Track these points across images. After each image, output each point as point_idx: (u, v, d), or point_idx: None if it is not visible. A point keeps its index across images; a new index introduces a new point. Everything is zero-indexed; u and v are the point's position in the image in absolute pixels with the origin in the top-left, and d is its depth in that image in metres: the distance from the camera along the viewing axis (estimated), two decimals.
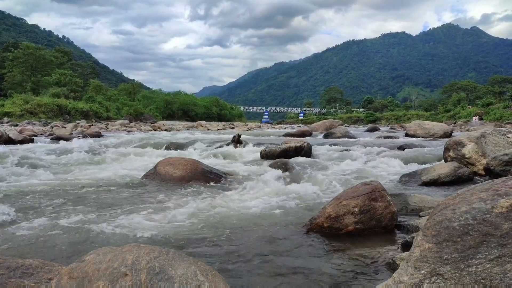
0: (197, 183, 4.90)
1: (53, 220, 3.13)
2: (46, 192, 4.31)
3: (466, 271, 1.41)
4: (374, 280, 2.03)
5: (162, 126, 29.87)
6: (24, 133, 13.08)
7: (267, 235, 2.83)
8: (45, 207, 3.62)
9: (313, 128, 19.87)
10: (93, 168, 6.41)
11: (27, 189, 4.41)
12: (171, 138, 12.92)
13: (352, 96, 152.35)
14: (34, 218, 3.21)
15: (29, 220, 3.15)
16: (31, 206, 3.66)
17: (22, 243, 2.62)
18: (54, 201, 3.86)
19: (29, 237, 2.72)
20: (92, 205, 3.72)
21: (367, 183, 3.08)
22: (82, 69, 62.24)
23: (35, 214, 3.34)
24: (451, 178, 4.75)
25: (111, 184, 4.86)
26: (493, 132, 5.16)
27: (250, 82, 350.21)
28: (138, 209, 3.54)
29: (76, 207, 3.60)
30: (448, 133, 13.19)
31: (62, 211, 3.44)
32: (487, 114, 32.96)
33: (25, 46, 46.00)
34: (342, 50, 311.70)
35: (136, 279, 1.39)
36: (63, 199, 3.97)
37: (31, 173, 5.64)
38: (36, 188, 4.51)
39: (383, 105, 74.09)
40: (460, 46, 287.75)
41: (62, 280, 1.43)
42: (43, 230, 2.85)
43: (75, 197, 4.05)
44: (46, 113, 30.99)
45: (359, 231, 2.83)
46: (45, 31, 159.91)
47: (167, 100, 59.66)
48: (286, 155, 7.15)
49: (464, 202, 1.60)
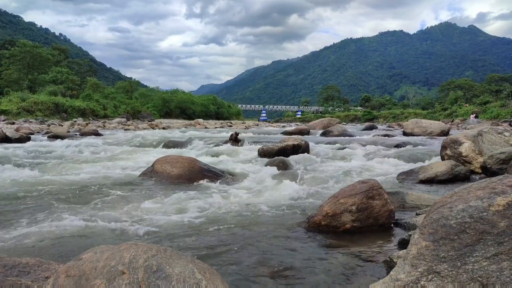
0: (194, 181, 4.89)
1: (50, 218, 3.12)
2: (42, 190, 4.29)
3: (463, 269, 1.42)
4: (371, 278, 2.04)
5: (159, 124, 29.81)
6: (20, 131, 13.03)
7: (265, 233, 2.84)
8: (42, 205, 3.61)
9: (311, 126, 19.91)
10: (90, 166, 6.39)
11: (24, 188, 4.39)
12: (168, 136, 12.90)
13: (350, 95, 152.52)
14: (30, 216, 3.20)
15: (25, 218, 3.14)
16: (27, 204, 3.65)
17: (19, 242, 2.61)
18: (50, 200, 3.84)
19: (25, 236, 2.71)
20: (89, 203, 3.71)
21: (365, 181, 3.08)
22: (79, 67, 61.96)
23: (31, 213, 3.33)
24: (448, 176, 4.76)
25: (108, 183, 4.84)
26: (490, 131, 5.18)
27: (248, 80, 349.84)
28: (135, 207, 3.54)
29: (73, 205, 3.59)
30: (445, 132, 13.24)
31: (59, 209, 3.43)
32: (484, 112, 33.09)
33: (22, 43, 45.75)
34: (339, 49, 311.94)
35: (134, 277, 1.39)
36: (59, 197, 3.96)
37: (29, 171, 5.61)
38: (32, 186, 4.49)
39: (381, 104, 74.22)
40: (457, 44, 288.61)
41: (59, 278, 1.42)
42: (40, 229, 2.84)
43: (71, 195, 4.04)
44: (43, 111, 30.89)
45: (356, 229, 2.83)
46: (41, 28, 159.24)
47: (164, 98, 59.55)
48: (283, 153, 7.15)
49: (461, 200, 1.60)
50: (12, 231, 2.82)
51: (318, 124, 20.58)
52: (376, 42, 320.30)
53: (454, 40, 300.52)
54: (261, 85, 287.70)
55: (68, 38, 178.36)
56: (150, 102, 56.12)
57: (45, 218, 3.12)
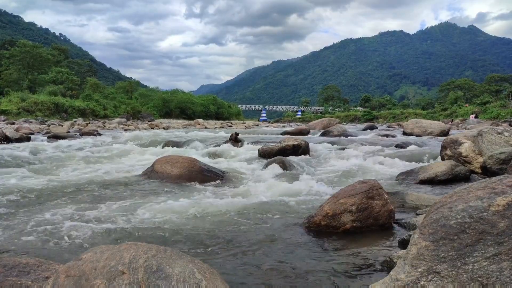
0: (194, 181, 4.89)
1: (50, 218, 3.11)
2: (42, 190, 4.29)
3: (462, 269, 1.42)
4: (371, 278, 2.04)
5: (159, 124, 29.81)
6: (20, 131, 13.03)
7: (265, 233, 2.84)
8: (42, 205, 3.61)
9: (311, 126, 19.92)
10: (90, 166, 6.39)
11: (23, 188, 4.39)
12: (168, 136, 12.90)
13: (350, 95, 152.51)
14: (30, 216, 3.20)
15: (25, 218, 3.14)
16: (28, 204, 3.65)
17: (19, 242, 2.61)
18: (50, 199, 3.85)
19: (25, 236, 2.71)
20: (89, 203, 3.71)
21: (365, 181, 3.09)
22: (79, 67, 62.03)
23: (31, 212, 3.33)
24: (448, 177, 4.76)
25: (108, 183, 4.84)
26: (490, 131, 5.18)
27: (248, 80, 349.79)
28: (135, 207, 3.54)
29: (73, 205, 3.59)
30: (445, 132, 13.25)
31: (59, 209, 3.43)
32: (484, 112, 33.10)
33: (22, 43, 45.78)
34: (339, 49, 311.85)
35: (134, 277, 1.39)
36: (59, 197, 3.96)
37: (28, 171, 5.61)
38: (32, 186, 4.49)
39: (381, 104, 74.21)
40: (457, 44, 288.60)
41: (59, 278, 1.42)
42: (40, 229, 2.84)
43: (71, 195, 4.04)
44: (43, 111, 30.89)
45: (356, 229, 2.84)
46: (41, 28, 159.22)
47: (164, 98, 59.56)
48: (283, 153, 7.15)
49: (461, 200, 1.60)
50: (12, 231, 2.82)
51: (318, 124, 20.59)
52: (376, 42, 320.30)
53: (454, 40, 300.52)
54: (261, 85, 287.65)
55: (68, 38, 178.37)
56: (150, 102, 56.13)
57: (45, 218, 3.11)
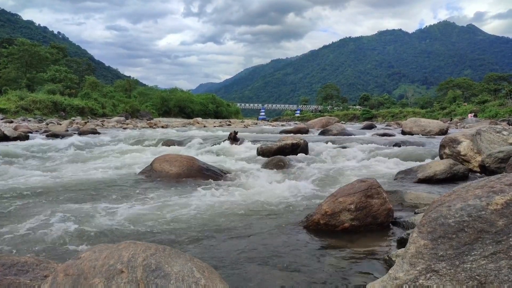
0: (193, 180, 4.89)
1: (48, 217, 3.11)
2: (40, 189, 4.28)
3: (461, 268, 1.42)
4: (370, 276, 2.04)
5: (158, 123, 29.78)
6: (19, 130, 13.01)
7: (263, 232, 2.84)
8: (40, 204, 3.61)
9: (310, 125, 19.89)
10: (88, 165, 6.38)
11: (21, 186, 4.39)
12: (167, 135, 12.89)
13: (349, 93, 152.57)
14: (28, 215, 3.19)
15: (23, 217, 3.14)
16: (26, 203, 3.64)
17: (17, 241, 2.60)
18: (48, 198, 3.84)
19: (24, 234, 2.71)
20: (88, 202, 3.71)
21: (363, 180, 3.09)
22: (77, 66, 61.82)
23: (29, 211, 3.32)
24: (446, 175, 4.77)
25: (106, 181, 4.84)
26: (489, 130, 5.18)
27: (247, 79, 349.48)
28: (134, 206, 3.53)
29: (71, 204, 3.58)
30: (443, 131, 13.25)
31: (57, 208, 3.42)
32: (483, 111, 33.18)
33: (20, 42, 45.62)
34: (338, 47, 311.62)
35: (132, 276, 1.39)
36: (57, 196, 3.96)
37: (26, 170, 5.61)
38: (30, 185, 4.49)
39: (380, 103, 74.27)
40: (456, 43, 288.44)
41: (58, 277, 1.42)
42: (38, 227, 2.84)
43: (69, 194, 4.04)
44: (41, 109, 30.82)
45: (355, 228, 2.84)
46: (40, 27, 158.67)
47: (163, 97, 59.50)
48: (282, 152, 7.15)
49: (459, 199, 1.61)
50: (10, 230, 2.82)
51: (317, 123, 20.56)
52: (375, 41, 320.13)
53: (453, 39, 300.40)
54: (260, 84, 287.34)
55: (66, 36, 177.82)
56: (149, 101, 56.04)
57: (43, 217, 3.11)
